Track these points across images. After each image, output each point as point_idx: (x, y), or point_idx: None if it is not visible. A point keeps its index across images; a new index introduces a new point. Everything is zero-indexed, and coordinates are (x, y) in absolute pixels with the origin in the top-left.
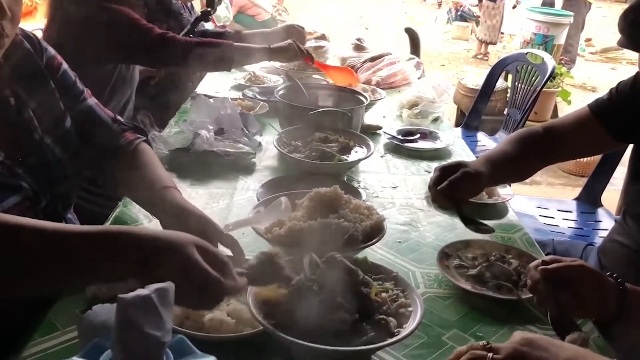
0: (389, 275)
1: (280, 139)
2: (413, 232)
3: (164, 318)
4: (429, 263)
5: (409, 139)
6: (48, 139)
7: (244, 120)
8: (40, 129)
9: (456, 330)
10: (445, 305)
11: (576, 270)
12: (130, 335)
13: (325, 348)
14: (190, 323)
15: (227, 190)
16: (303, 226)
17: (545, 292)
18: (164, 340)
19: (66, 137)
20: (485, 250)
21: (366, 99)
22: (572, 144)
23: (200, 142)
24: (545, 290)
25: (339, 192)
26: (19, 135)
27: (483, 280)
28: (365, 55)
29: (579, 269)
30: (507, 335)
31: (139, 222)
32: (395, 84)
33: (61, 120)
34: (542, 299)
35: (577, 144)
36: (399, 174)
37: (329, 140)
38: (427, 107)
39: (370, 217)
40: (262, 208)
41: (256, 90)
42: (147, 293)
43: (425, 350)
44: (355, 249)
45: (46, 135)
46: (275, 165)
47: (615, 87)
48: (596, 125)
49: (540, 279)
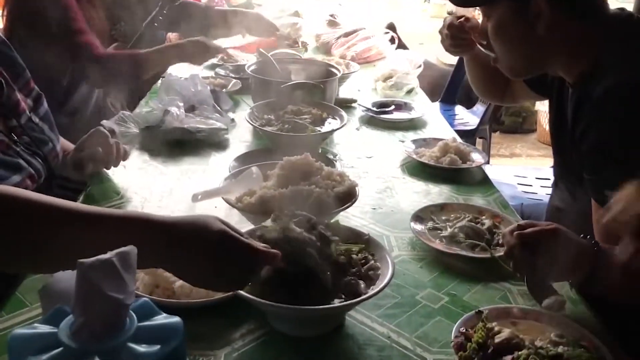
0: (361, 238)
1: (252, 113)
2: (388, 199)
3: (126, 281)
4: (403, 227)
5: (384, 111)
6: (36, 118)
7: (216, 97)
8: (27, 109)
9: (430, 290)
10: (419, 267)
11: (551, 234)
12: (91, 298)
13: (295, 308)
14: (159, 291)
15: (200, 167)
16: (274, 194)
17: (521, 257)
18: (126, 302)
19: (47, 115)
20: (459, 213)
21: (339, 71)
22: None
23: (171, 119)
24: (521, 255)
25: (310, 159)
26: (12, 116)
27: (457, 240)
28: (339, 30)
29: (554, 232)
30: (482, 292)
31: (108, 199)
32: (370, 58)
33: (41, 100)
34: (518, 265)
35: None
36: (374, 145)
37: (301, 113)
38: (402, 79)
39: (342, 183)
40: (233, 179)
41: (229, 68)
42: (108, 257)
43: (399, 309)
44: (328, 215)
45: (33, 115)
46: (249, 141)
47: None
48: None
49: (516, 244)
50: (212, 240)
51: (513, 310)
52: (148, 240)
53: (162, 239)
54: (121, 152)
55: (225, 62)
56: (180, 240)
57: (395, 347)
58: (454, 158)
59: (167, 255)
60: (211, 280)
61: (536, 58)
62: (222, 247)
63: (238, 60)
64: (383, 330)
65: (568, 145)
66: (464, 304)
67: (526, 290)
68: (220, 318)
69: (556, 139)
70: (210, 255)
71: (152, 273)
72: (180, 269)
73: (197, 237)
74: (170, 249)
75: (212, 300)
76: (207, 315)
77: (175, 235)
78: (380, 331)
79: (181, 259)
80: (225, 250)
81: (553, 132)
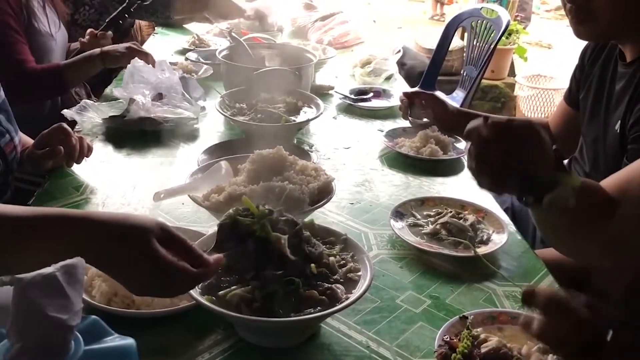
0: (338, 239)
1: (222, 101)
2: (366, 192)
3: (71, 299)
4: (382, 224)
5: (362, 98)
6: None
7: (185, 84)
8: None
9: (411, 292)
10: (400, 267)
11: (525, 126)
12: (29, 320)
13: (265, 320)
14: (118, 300)
15: (167, 159)
16: (244, 191)
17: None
18: (71, 323)
19: (4, 104)
20: (440, 208)
21: (315, 57)
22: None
23: (136, 108)
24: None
25: (283, 153)
26: None
27: (439, 237)
28: (316, 14)
29: (528, 124)
30: (465, 294)
31: (67, 196)
32: (347, 43)
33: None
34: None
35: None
36: (351, 135)
37: (275, 101)
38: (380, 65)
39: (318, 178)
40: (200, 174)
41: (200, 53)
42: (50, 271)
43: (378, 314)
44: (302, 212)
45: None
46: (221, 131)
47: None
48: (574, 112)
49: (492, 135)
50: (135, 256)
51: (499, 315)
52: (71, 237)
53: (87, 235)
54: (85, 149)
55: (196, 47)
56: (108, 239)
57: (374, 357)
58: (434, 149)
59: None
60: (141, 290)
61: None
62: (143, 266)
63: (210, 45)
64: (361, 338)
65: (602, 128)
66: (447, 307)
67: (512, 292)
68: (184, 329)
69: (588, 127)
70: (129, 270)
71: (110, 281)
72: (108, 268)
73: (119, 249)
74: (93, 246)
75: (175, 309)
76: (170, 325)
77: (102, 233)
78: (358, 340)
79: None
80: (146, 269)
81: (587, 122)
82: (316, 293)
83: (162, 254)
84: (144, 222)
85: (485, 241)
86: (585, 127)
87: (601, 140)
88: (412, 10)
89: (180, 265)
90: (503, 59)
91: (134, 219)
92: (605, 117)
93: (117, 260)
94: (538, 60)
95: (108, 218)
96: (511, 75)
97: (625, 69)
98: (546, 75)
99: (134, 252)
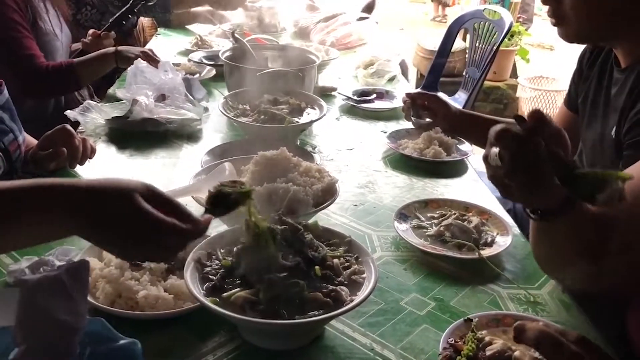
0: (342, 240)
1: (226, 102)
2: (369, 194)
3: (77, 300)
4: (386, 225)
5: (365, 100)
6: None
7: (188, 85)
8: None
9: (415, 294)
10: (404, 269)
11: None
12: (35, 323)
13: (269, 322)
14: (122, 302)
15: (170, 160)
16: None
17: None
18: (77, 326)
19: (8, 103)
20: (444, 210)
21: (318, 58)
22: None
23: (139, 109)
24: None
25: (286, 154)
26: None
27: (443, 239)
28: (318, 15)
29: None
30: (470, 296)
31: None
32: (350, 44)
33: (0, 88)
34: None
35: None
36: (355, 136)
37: (278, 103)
38: (383, 66)
39: (321, 179)
40: (203, 175)
41: (203, 54)
42: (55, 273)
43: (383, 317)
44: (306, 214)
45: None
46: (224, 132)
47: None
48: (574, 116)
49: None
50: (122, 213)
51: (504, 318)
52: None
53: (66, 203)
54: (88, 150)
55: (199, 48)
56: (87, 207)
57: (378, 359)
58: (438, 150)
59: (71, 223)
60: (133, 252)
61: (612, 23)
62: (132, 224)
63: (212, 46)
64: (365, 341)
65: (599, 133)
66: (452, 309)
67: (516, 295)
68: (188, 330)
69: (586, 131)
70: (118, 230)
71: (114, 282)
72: (99, 236)
73: (106, 206)
74: (79, 219)
75: (179, 311)
76: (174, 327)
77: (84, 198)
78: (363, 342)
79: (91, 230)
80: (136, 227)
81: (585, 127)
82: (320, 295)
83: (149, 210)
84: (128, 182)
85: (490, 243)
86: (584, 132)
87: (598, 145)
88: (414, 11)
89: (170, 221)
90: (505, 61)
91: (119, 181)
92: (602, 122)
93: (106, 225)
94: (540, 61)
95: (95, 184)
96: (513, 76)
97: (620, 74)
98: (548, 77)
99: (121, 210)
